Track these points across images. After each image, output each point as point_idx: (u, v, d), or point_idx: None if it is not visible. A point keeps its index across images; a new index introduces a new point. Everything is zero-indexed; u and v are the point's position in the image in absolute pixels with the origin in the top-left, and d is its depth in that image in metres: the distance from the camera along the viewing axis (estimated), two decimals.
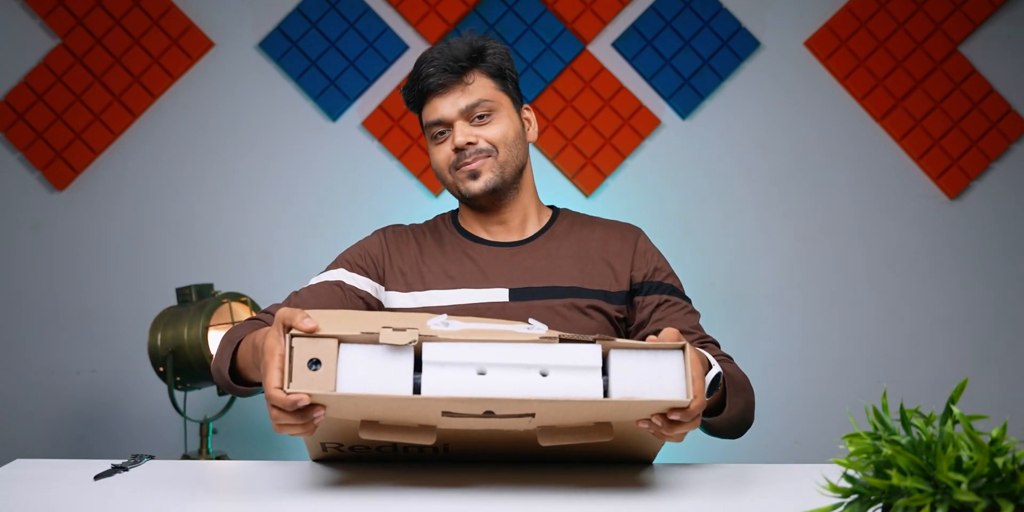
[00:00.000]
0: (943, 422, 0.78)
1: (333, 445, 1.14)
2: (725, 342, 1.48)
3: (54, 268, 2.72)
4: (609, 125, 2.74)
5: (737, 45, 2.76)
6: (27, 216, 2.72)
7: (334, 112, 2.73)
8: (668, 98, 2.76)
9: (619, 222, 1.53)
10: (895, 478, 0.73)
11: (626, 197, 2.73)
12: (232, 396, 2.32)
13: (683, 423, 1.03)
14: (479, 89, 1.42)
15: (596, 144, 2.73)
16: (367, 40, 2.74)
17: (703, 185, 2.76)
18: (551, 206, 1.55)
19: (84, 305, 2.71)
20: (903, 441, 0.76)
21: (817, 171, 2.77)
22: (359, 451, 1.16)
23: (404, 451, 1.15)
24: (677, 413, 1.01)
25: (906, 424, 0.79)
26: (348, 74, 2.74)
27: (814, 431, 2.69)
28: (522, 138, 1.46)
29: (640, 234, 1.51)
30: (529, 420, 1.01)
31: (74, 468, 1.20)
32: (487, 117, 1.42)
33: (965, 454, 0.74)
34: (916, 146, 2.76)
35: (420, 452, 1.15)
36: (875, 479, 0.75)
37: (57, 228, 2.72)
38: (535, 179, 1.53)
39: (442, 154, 1.43)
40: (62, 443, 2.69)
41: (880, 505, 0.77)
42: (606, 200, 2.73)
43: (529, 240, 1.47)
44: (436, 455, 1.17)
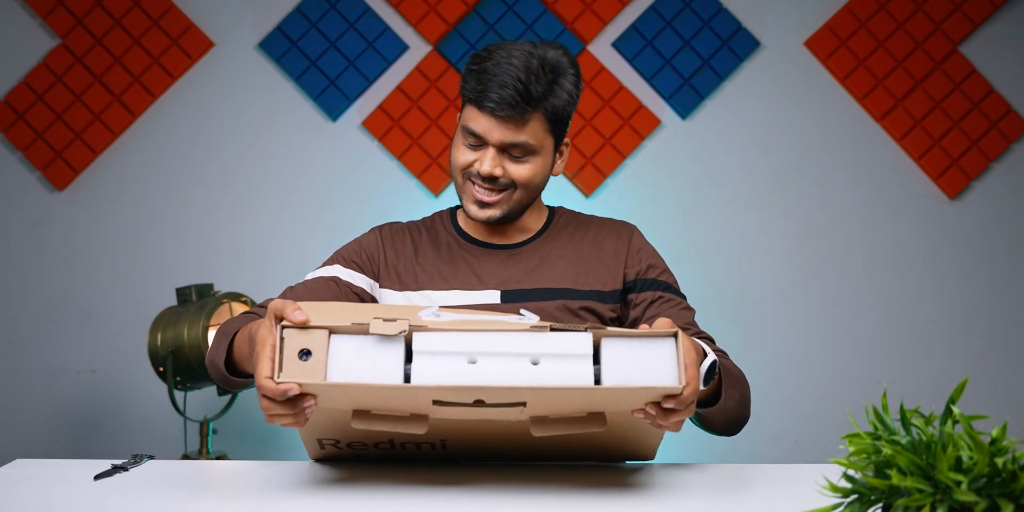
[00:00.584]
0: (943, 422, 0.78)
1: (330, 441, 1.14)
2: (725, 342, 1.48)
3: (54, 268, 2.72)
4: (609, 125, 2.74)
5: (737, 45, 2.76)
6: (27, 216, 2.72)
7: (334, 112, 2.73)
8: (668, 98, 2.76)
9: (614, 220, 1.53)
10: (895, 478, 0.73)
11: (626, 197, 2.73)
12: (232, 396, 2.32)
13: (678, 411, 1.03)
14: (530, 131, 1.36)
15: (596, 144, 2.73)
16: (367, 40, 2.74)
17: (703, 185, 2.76)
18: (547, 205, 1.54)
19: (84, 305, 2.71)
20: (903, 441, 0.76)
21: (817, 171, 2.77)
22: (356, 448, 1.15)
23: (402, 448, 1.15)
24: (671, 401, 1.00)
25: (906, 424, 0.79)
26: (348, 74, 2.73)
27: (814, 431, 2.69)
28: (546, 177, 1.44)
29: (635, 231, 1.50)
30: (521, 410, 1.00)
31: (74, 468, 1.20)
32: (522, 158, 1.38)
33: (965, 454, 0.74)
34: (916, 146, 2.76)
35: (418, 450, 1.15)
36: (875, 479, 0.75)
37: (57, 228, 2.72)
38: None
39: (464, 158, 1.39)
40: (62, 443, 2.69)
41: (880, 505, 0.77)
42: (606, 200, 2.73)
43: (525, 243, 1.47)
44: (434, 452, 1.16)
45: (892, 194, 2.77)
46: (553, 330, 1.01)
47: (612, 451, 1.18)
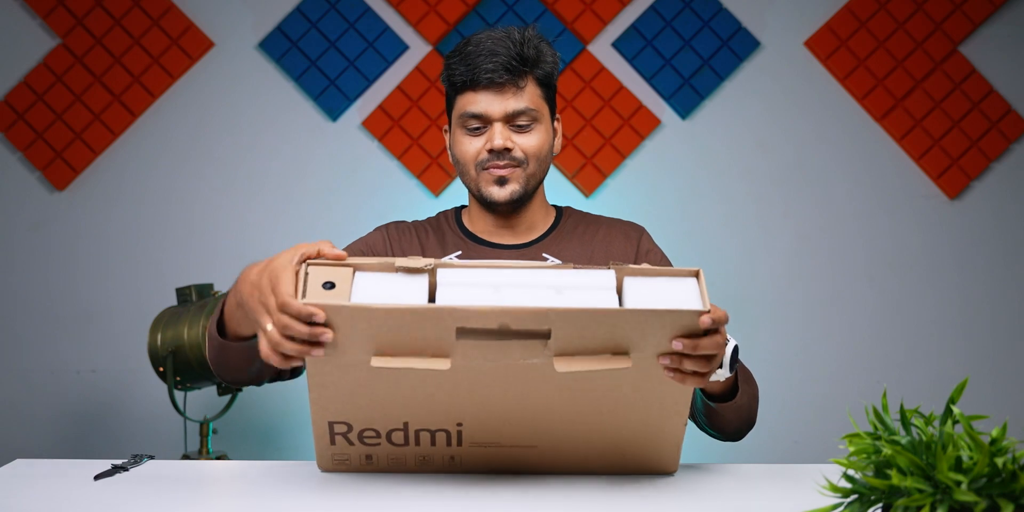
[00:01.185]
0: (943, 422, 0.78)
1: (341, 430, 1.11)
2: None
3: (54, 268, 2.72)
4: (609, 125, 2.74)
5: (737, 45, 2.76)
6: (27, 216, 2.72)
7: (334, 112, 2.73)
8: (668, 98, 2.76)
9: (623, 221, 1.53)
10: (895, 478, 0.73)
11: (626, 197, 2.74)
12: (232, 396, 2.32)
13: (704, 356, 1.01)
14: (528, 96, 1.39)
15: (596, 144, 2.73)
16: (367, 40, 2.74)
17: (703, 185, 2.76)
18: (555, 206, 1.54)
19: (84, 305, 2.71)
20: (903, 441, 0.76)
21: (817, 171, 2.77)
22: (368, 442, 1.12)
23: (416, 438, 1.12)
24: (694, 342, 0.99)
25: (906, 424, 0.79)
26: (348, 74, 2.73)
27: (814, 431, 2.69)
28: (551, 152, 1.45)
29: (643, 233, 1.51)
30: (544, 344, 0.99)
31: (74, 468, 1.20)
32: (528, 126, 1.40)
33: (965, 454, 0.74)
34: (916, 146, 2.76)
35: (432, 443, 1.12)
36: (875, 479, 0.75)
37: (57, 228, 2.72)
38: None
39: (472, 148, 1.40)
40: (62, 443, 2.69)
41: (880, 505, 0.77)
42: (606, 200, 2.73)
43: (533, 243, 1.47)
44: (448, 459, 1.14)
45: (892, 194, 2.77)
46: (577, 267, 1.03)
47: (631, 464, 1.15)
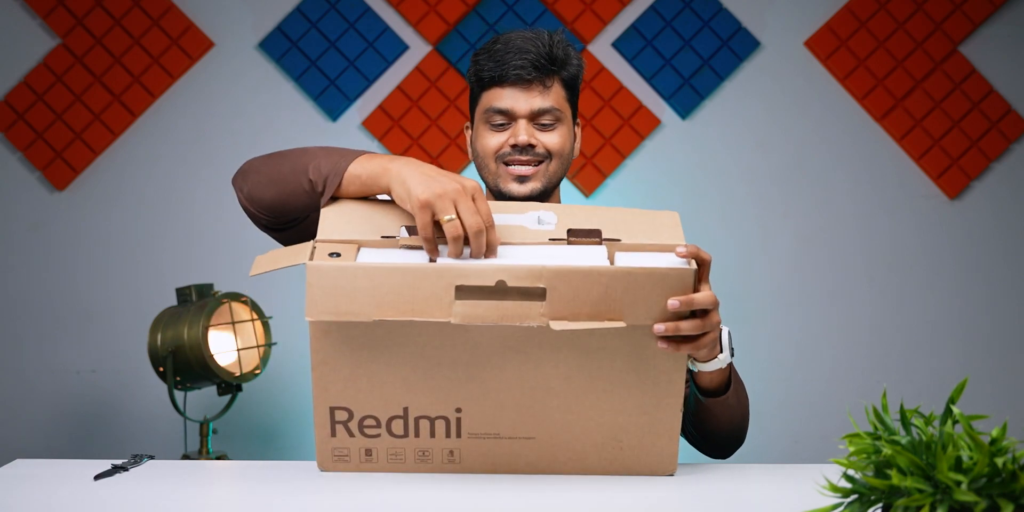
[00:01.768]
0: (943, 422, 0.78)
1: (342, 419, 1.12)
2: None
3: (54, 268, 2.72)
4: (609, 125, 2.74)
5: (737, 45, 2.76)
6: (27, 216, 2.72)
7: (334, 112, 2.73)
8: (668, 98, 2.76)
9: None
10: (895, 478, 0.73)
11: (626, 197, 2.74)
12: (232, 396, 2.32)
13: (699, 318, 1.09)
14: (554, 96, 1.41)
15: (596, 144, 2.73)
16: (367, 40, 2.74)
17: (703, 185, 2.76)
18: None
19: (84, 305, 2.71)
20: (903, 441, 0.76)
21: (817, 171, 2.77)
22: (368, 433, 1.13)
23: (415, 427, 1.13)
24: (689, 298, 1.06)
25: (906, 424, 0.79)
26: (348, 74, 2.73)
27: (814, 431, 2.69)
28: (572, 151, 1.46)
29: None
30: (541, 305, 1.04)
31: (74, 468, 1.20)
32: (551, 125, 1.41)
33: (965, 454, 0.74)
34: (916, 146, 2.76)
35: (432, 432, 1.13)
36: (875, 479, 0.75)
37: (57, 228, 2.72)
38: None
39: (494, 142, 1.41)
40: (62, 443, 2.69)
41: (880, 505, 0.77)
42: (606, 200, 2.73)
43: None
44: (447, 460, 1.14)
45: (892, 194, 2.77)
46: (570, 233, 1.14)
47: (630, 457, 1.15)
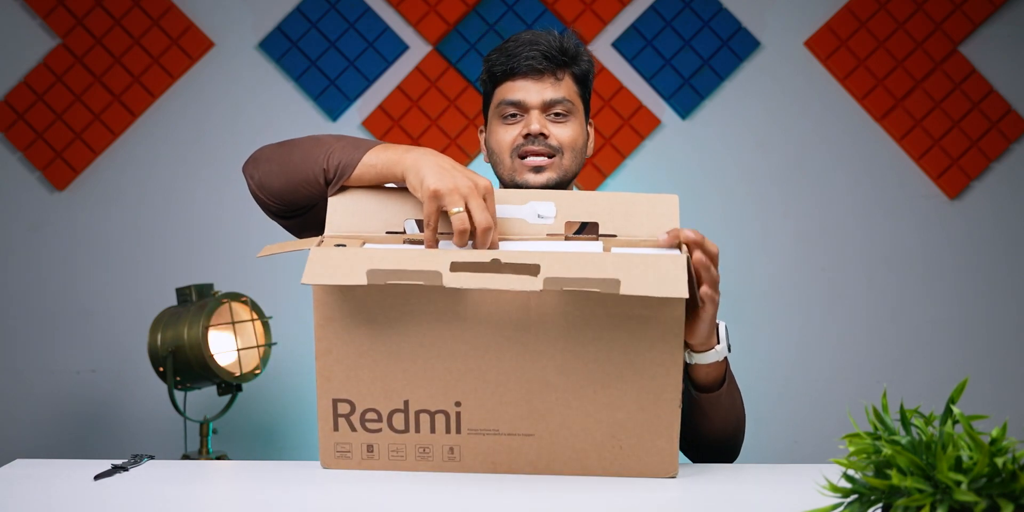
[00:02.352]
0: (943, 422, 0.78)
1: (344, 412, 1.13)
2: None
3: (54, 268, 2.72)
4: (609, 125, 2.74)
5: (737, 45, 2.76)
6: (27, 216, 2.72)
7: (334, 112, 2.73)
8: (668, 98, 2.76)
9: None
10: (895, 478, 0.73)
11: None
12: (232, 396, 2.32)
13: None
14: (566, 88, 1.42)
15: (596, 144, 2.73)
16: (367, 40, 2.74)
17: (703, 185, 2.76)
18: None
19: (84, 305, 2.71)
20: (903, 441, 0.76)
21: (817, 171, 2.77)
22: (370, 427, 1.14)
23: (416, 420, 1.14)
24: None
25: (906, 424, 0.79)
26: (348, 74, 2.74)
27: (814, 431, 2.69)
28: (584, 150, 1.47)
29: None
30: (534, 280, 1.06)
31: (74, 468, 1.20)
32: (564, 117, 1.42)
33: (965, 454, 0.74)
34: (916, 146, 2.76)
35: (432, 427, 1.14)
36: (875, 479, 0.75)
37: (57, 228, 2.72)
38: None
39: (508, 136, 1.42)
40: (62, 443, 2.69)
41: (880, 505, 0.77)
42: None
43: None
44: (447, 458, 1.15)
45: (892, 194, 2.77)
46: (568, 239, 1.18)
47: (630, 456, 1.15)
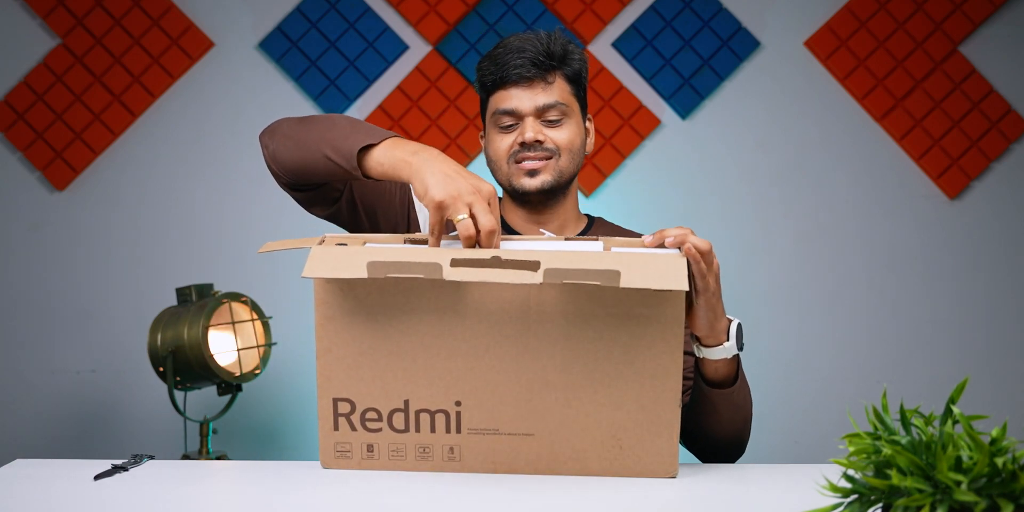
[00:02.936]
0: (943, 422, 0.78)
1: (345, 411, 1.14)
2: None
3: (54, 268, 2.72)
4: (609, 125, 2.74)
5: (737, 45, 2.76)
6: (27, 216, 2.72)
7: (334, 112, 2.73)
8: (668, 98, 2.76)
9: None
10: (895, 478, 0.73)
11: (626, 197, 2.74)
12: (232, 396, 2.32)
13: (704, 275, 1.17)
14: (558, 91, 1.43)
15: (596, 144, 2.73)
16: (367, 40, 2.74)
17: (703, 185, 2.76)
18: (587, 214, 1.55)
19: (84, 305, 2.71)
20: (903, 441, 0.77)
21: (817, 171, 2.77)
22: (371, 427, 1.14)
23: (416, 420, 1.14)
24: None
25: (906, 424, 0.79)
26: (348, 74, 2.74)
27: (814, 431, 2.69)
28: (583, 148, 1.48)
29: None
30: (533, 274, 1.06)
31: (74, 468, 1.20)
32: (558, 121, 1.43)
33: (965, 454, 0.74)
34: (916, 146, 2.76)
35: (432, 426, 1.14)
36: (875, 479, 0.75)
37: (57, 228, 2.72)
38: None
39: (504, 144, 1.43)
40: (62, 443, 2.69)
41: (880, 505, 0.77)
42: (606, 200, 2.73)
43: None
44: (447, 456, 1.15)
45: (892, 194, 2.77)
46: (568, 240, 1.20)
47: (630, 456, 1.15)
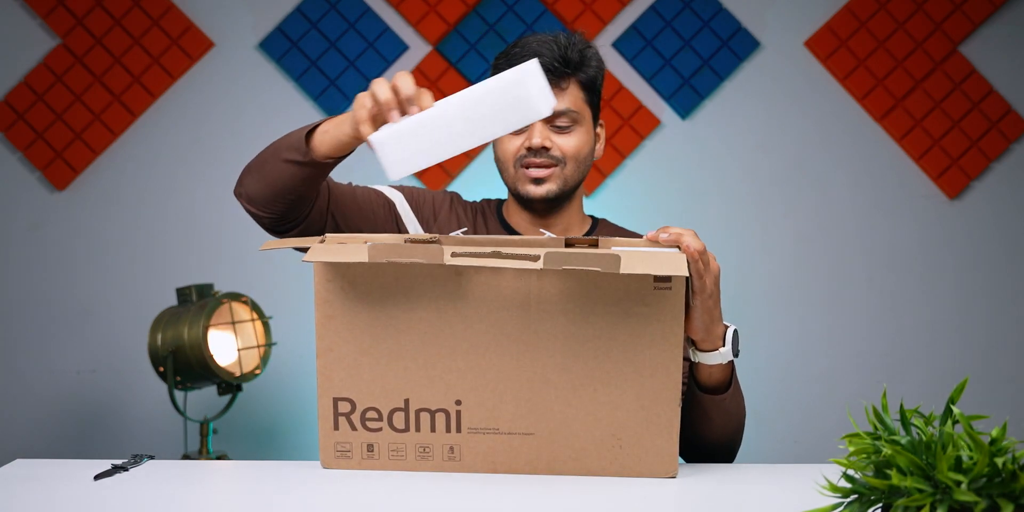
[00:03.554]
0: (943, 422, 0.78)
1: (345, 411, 1.14)
2: None
3: (54, 268, 2.72)
4: (609, 125, 2.74)
5: (737, 45, 2.76)
6: (27, 216, 2.72)
7: (334, 112, 2.73)
8: (668, 98, 2.76)
9: None
10: (895, 478, 0.73)
11: (626, 197, 2.74)
12: (232, 396, 2.32)
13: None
14: (570, 97, 1.42)
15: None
16: (367, 40, 2.74)
17: (703, 185, 2.76)
18: (591, 216, 1.55)
19: (84, 305, 2.71)
20: (903, 441, 0.77)
21: (817, 171, 2.77)
22: (371, 426, 1.14)
23: (416, 419, 1.14)
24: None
25: (906, 424, 0.79)
26: (348, 74, 2.73)
27: (814, 431, 2.69)
28: (591, 156, 1.47)
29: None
30: (534, 262, 1.07)
31: (74, 468, 1.20)
32: (568, 128, 1.42)
33: (965, 454, 0.74)
34: (916, 146, 2.76)
35: (432, 426, 1.14)
36: (875, 479, 0.75)
37: (57, 228, 2.72)
38: None
39: (512, 146, 1.43)
40: (62, 443, 2.69)
41: (880, 505, 0.77)
42: (606, 200, 2.73)
43: None
44: (447, 456, 1.15)
45: (892, 194, 2.77)
46: (567, 244, 1.20)
47: (630, 456, 1.15)
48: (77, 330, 2.71)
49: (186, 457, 2.29)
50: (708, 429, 1.30)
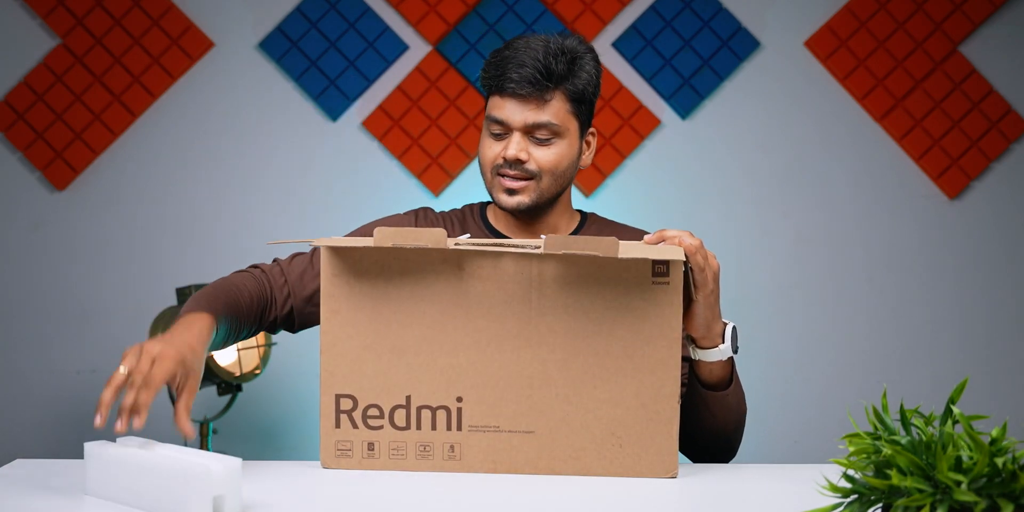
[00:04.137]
0: (943, 422, 0.78)
1: (347, 408, 1.14)
2: None
3: (54, 268, 2.72)
4: (609, 125, 2.74)
5: (737, 45, 2.76)
6: (27, 216, 2.72)
7: (334, 112, 2.73)
8: (668, 98, 2.76)
9: (643, 230, 1.53)
10: (895, 478, 0.73)
11: (626, 197, 2.74)
12: (232, 396, 2.32)
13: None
14: (552, 110, 1.38)
15: (596, 144, 2.73)
16: (367, 40, 2.74)
17: (703, 185, 2.76)
18: (579, 210, 1.54)
19: (84, 305, 2.71)
20: (903, 441, 0.77)
21: (817, 171, 2.77)
22: (372, 425, 1.14)
23: (418, 422, 1.14)
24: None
25: (906, 424, 0.79)
26: (348, 74, 2.73)
27: (814, 431, 2.69)
28: (573, 165, 1.44)
29: None
30: (535, 248, 1.10)
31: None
32: (547, 140, 1.39)
33: (965, 454, 0.74)
34: (916, 146, 2.76)
35: (433, 423, 1.14)
36: (875, 479, 0.75)
37: (57, 228, 2.72)
38: None
39: (491, 152, 1.41)
40: (62, 443, 2.69)
41: (880, 505, 0.77)
42: (606, 200, 2.73)
43: None
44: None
45: (892, 194, 2.77)
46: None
47: (630, 455, 1.15)
48: (77, 330, 2.71)
49: None
50: (710, 425, 1.30)
